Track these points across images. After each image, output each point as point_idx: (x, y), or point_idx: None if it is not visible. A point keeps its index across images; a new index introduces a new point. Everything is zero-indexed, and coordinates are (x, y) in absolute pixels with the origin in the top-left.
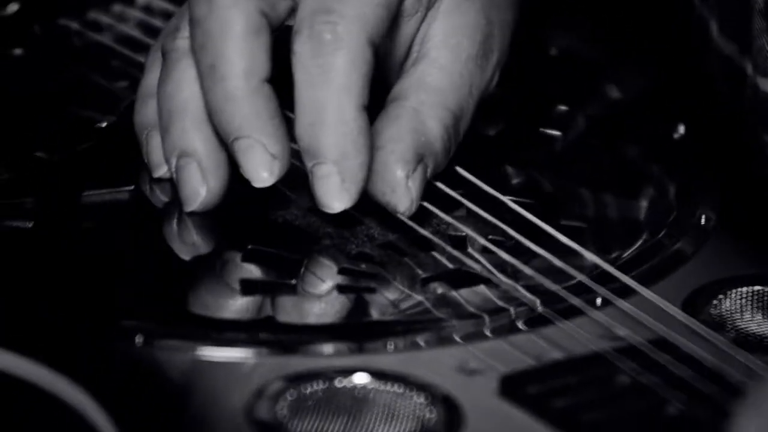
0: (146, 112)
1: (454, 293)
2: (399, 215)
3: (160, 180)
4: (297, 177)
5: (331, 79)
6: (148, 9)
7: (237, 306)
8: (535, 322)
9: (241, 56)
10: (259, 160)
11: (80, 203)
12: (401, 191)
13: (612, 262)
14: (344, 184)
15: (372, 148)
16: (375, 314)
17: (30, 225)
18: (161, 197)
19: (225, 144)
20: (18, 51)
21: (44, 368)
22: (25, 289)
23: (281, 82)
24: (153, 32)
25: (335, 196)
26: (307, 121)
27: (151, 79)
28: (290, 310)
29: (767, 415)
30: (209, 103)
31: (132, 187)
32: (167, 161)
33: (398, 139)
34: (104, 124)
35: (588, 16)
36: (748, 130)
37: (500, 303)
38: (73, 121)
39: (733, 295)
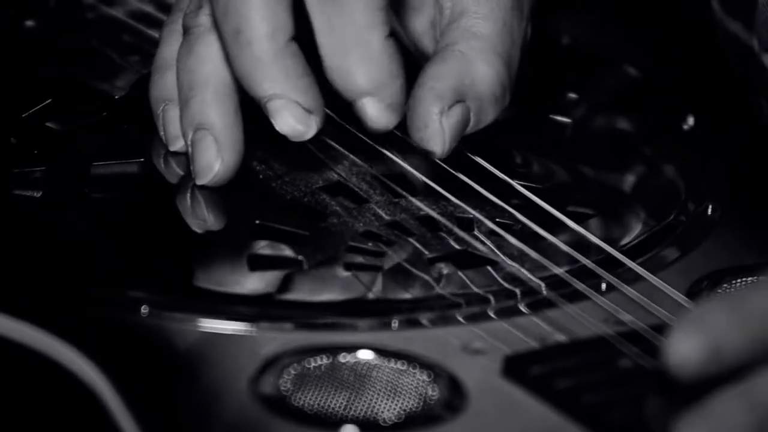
0: (164, 84)
1: (459, 274)
2: (433, 158)
3: (170, 153)
4: (305, 156)
5: (349, 20)
6: None
7: (243, 280)
8: (540, 305)
9: (264, 18)
10: (295, 117)
11: (89, 174)
12: (434, 128)
13: (618, 249)
14: (388, 108)
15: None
16: (380, 292)
17: (38, 195)
18: (171, 170)
19: (243, 119)
20: (31, 23)
21: (50, 337)
22: (32, 259)
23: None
24: (165, 8)
25: (381, 119)
26: (335, 65)
27: (167, 51)
28: (296, 286)
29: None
30: (237, 69)
31: (141, 160)
32: (184, 134)
33: (438, 77)
34: (116, 97)
35: (598, 4)
36: (757, 108)
37: (506, 285)
38: (84, 93)
39: (737, 285)
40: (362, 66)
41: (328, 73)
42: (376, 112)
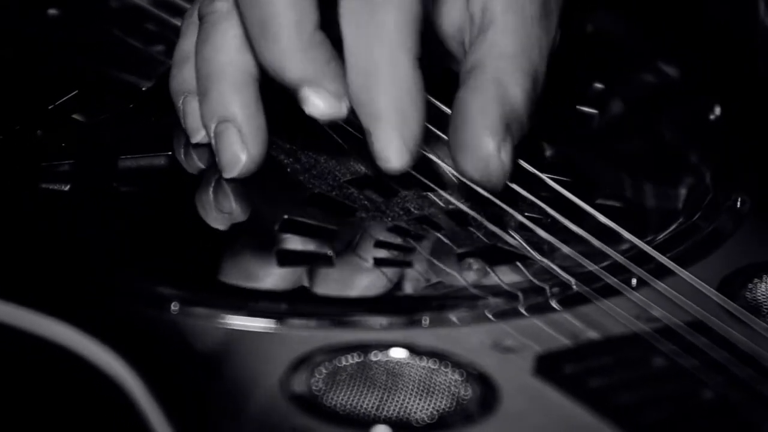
0: (182, 77)
1: (489, 270)
2: (489, 189)
3: (197, 146)
4: (333, 148)
5: (383, 37)
6: None
7: (273, 276)
8: (571, 301)
9: (289, 8)
10: (325, 102)
11: (117, 168)
12: (495, 164)
13: (648, 243)
14: (406, 144)
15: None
16: (410, 289)
17: (66, 188)
18: (198, 163)
19: (264, 108)
20: (54, 12)
21: (78, 333)
22: (61, 254)
23: None
24: None
25: (396, 156)
26: (361, 82)
27: (186, 44)
28: (325, 282)
29: None
30: (263, 60)
31: (169, 153)
32: (205, 127)
33: (486, 112)
34: (143, 88)
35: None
36: None
37: (536, 281)
38: (109, 84)
39: None
40: (388, 88)
41: (350, 89)
42: (389, 148)
